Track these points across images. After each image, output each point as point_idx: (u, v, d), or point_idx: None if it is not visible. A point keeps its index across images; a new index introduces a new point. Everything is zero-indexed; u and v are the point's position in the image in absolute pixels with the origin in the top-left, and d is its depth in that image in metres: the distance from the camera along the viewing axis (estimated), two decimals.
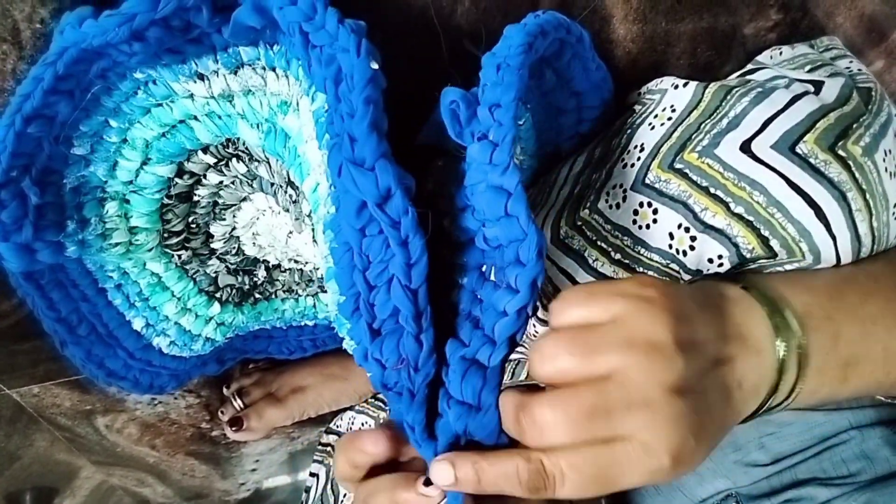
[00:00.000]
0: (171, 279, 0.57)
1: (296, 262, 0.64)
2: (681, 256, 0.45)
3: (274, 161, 0.51)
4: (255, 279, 0.65)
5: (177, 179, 0.52)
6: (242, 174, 0.53)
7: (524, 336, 0.38)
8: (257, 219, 0.57)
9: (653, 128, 0.47)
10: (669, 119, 0.46)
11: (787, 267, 0.44)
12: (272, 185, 0.53)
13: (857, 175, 0.41)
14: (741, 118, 0.43)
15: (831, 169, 0.41)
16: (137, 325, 0.58)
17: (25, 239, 0.44)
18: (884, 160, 0.42)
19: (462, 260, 0.44)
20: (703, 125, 0.44)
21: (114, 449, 0.88)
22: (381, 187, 0.36)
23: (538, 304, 0.50)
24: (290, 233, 0.56)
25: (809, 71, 0.49)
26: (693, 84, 0.47)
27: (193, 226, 0.56)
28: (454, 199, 0.43)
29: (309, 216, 0.51)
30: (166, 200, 0.53)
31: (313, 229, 0.50)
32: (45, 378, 0.73)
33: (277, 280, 0.66)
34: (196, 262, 0.58)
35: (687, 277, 0.46)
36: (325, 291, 0.69)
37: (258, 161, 0.52)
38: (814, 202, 0.41)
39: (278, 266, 0.65)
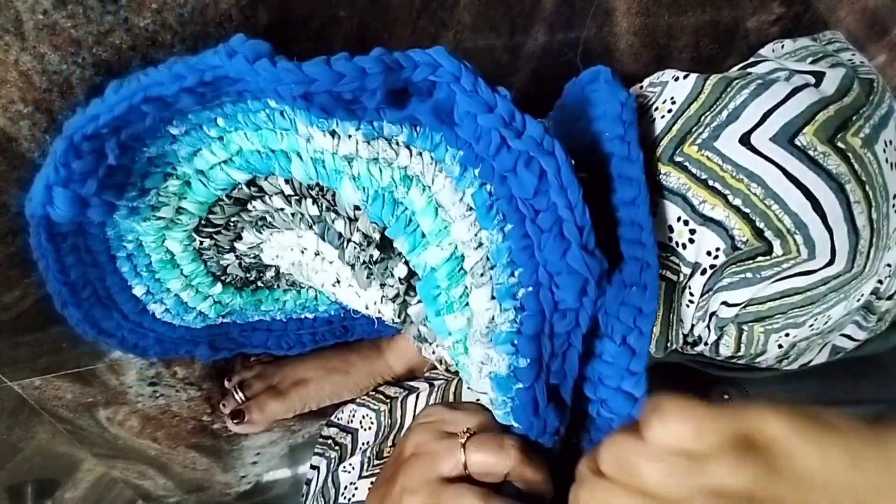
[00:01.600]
0: (184, 259, 0.57)
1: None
2: (680, 249, 0.45)
3: (365, 221, 0.50)
4: (263, 275, 0.65)
5: (243, 186, 0.52)
6: (312, 216, 0.52)
7: None
8: (291, 249, 0.58)
9: (653, 121, 0.47)
10: (669, 111, 0.46)
11: (784, 266, 0.43)
12: (340, 237, 0.52)
13: (856, 167, 0.41)
14: (741, 110, 0.43)
15: (830, 161, 0.40)
16: (138, 291, 0.58)
17: (87, 192, 0.45)
18: (884, 151, 0.42)
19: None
20: (703, 117, 0.44)
21: (115, 441, 0.89)
22: (602, 267, 0.43)
23: None
24: (338, 282, 0.56)
25: (812, 63, 0.48)
26: (693, 76, 0.47)
27: (231, 224, 0.57)
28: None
29: (402, 280, 0.52)
30: (223, 198, 0.53)
31: (398, 293, 0.53)
32: (47, 370, 0.73)
33: (284, 277, 0.66)
34: (213, 251, 0.59)
35: (686, 271, 0.46)
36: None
37: (337, 214, 0.51)
38: (811, 194, 0.40)
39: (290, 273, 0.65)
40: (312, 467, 0.79)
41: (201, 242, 0.57)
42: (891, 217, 0.44)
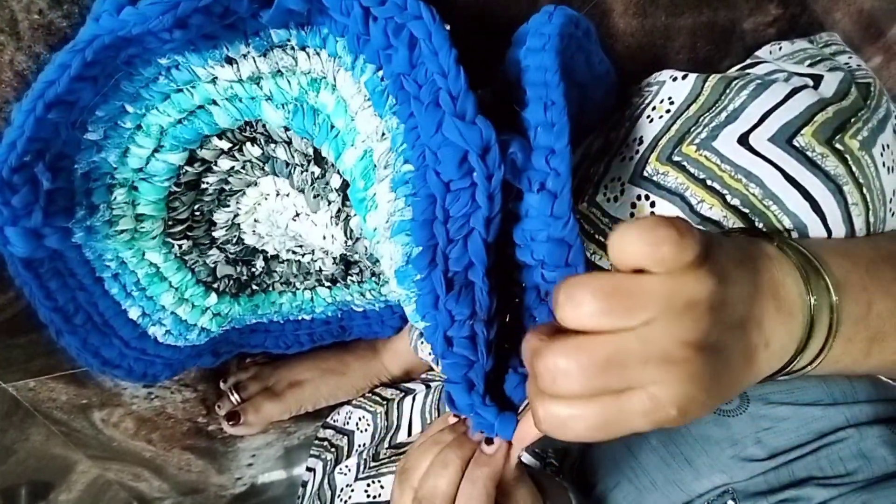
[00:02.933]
0: (169, 270, 0.57)
1: (294, 252, 0.64)
2: None
3: (297, 140, 0.51)
4: (254, 270, 0.64)
5: (187, 167, 0.52)
6: (256, 157, 0.53)
7: None
8: (259, 204, 0.57)
9: (651, 120, 0.47)
10: (668, 111, 0.46)
11: None
12: (288, 165, 0.53)
13: (853, 169, 0.41)
14: (740, 111, 0.43)
15: (828, 162, 0.41)
16: (133, 314, 0.58)
17: (35, 224, 0.44)
18: (881, 155, 0.42)
19: (521, 278, 0.45)
20: (702, 118, 0.44)
21: (110, 443, 0.88)
22: (485, 138, 0.38)
23: None
24: (296, 215, 0.56)
25: (809, 65, 0.49)
26: (692, 76, 0.47)
27: (198, 214, 0.56)
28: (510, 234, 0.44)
29: (338, 190, 0.52)
30: (174, 188, 0.53)
31: (340, 206, 0.52)
32: (41, 372, 0.73)
33: (275, 272, 0.66)
34: (196, 253, 0.58)
35: None
36: (324, 285, 0.69)
37: (276, 142, 0.52)
38: (809, 195, 0.41)
39: (276, 257, 0.65)
40: (308, 469, 0.79)
41: (180, 246, 0.57)
42: (888, 221, 0.44)
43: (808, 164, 0.41)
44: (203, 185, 0.55)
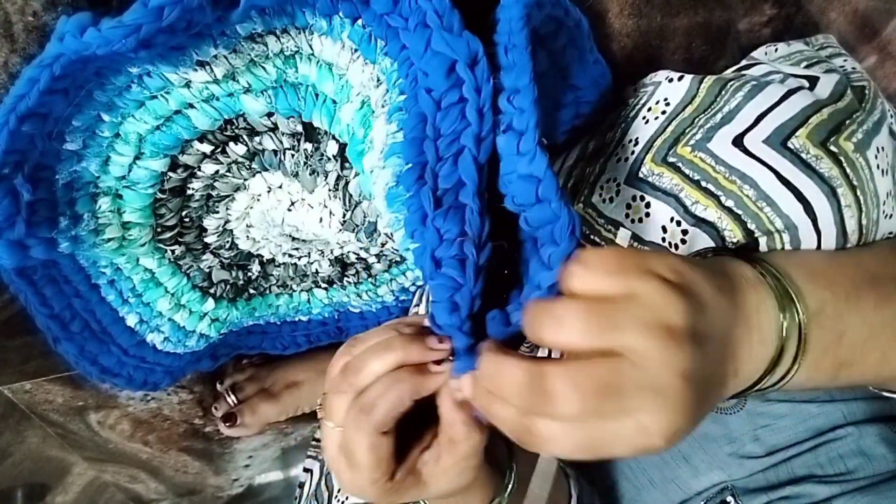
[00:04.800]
0: (164, 275, 0.57)
1: (290, 255, 0.64)
2: (673, 250, 0.45)
3: (283, 122, 0.50)
4: (249, 274, 0.64)
5: (170, 174, 0.52)
6: (241, 156, 0.52)
7: None
8: (251, 207, 0.57)
9: (647, 121, 0.47)
10: (663, 112, 0.46)
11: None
12: (277, 153, 0.53)
13: (847, 171, 0.41)
14: (735, 113, 0.43)
15: (822, 164, 0.41)
16: (131, 321, 0.57)
17: (18, 236, 0.44)
18: (876, 157, 0.42)
19: (517, 233, 0.45)
20: (698, 119, 0.44)
21: (106, 445, 0.88)
22: (472, 49, 0.39)
23: None
24: (291, 205, 0.56)
25: (805, 67, 0.49)
26: (688, 78, 0.47)
27: (187, 220, 0.56)
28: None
29: (335, 157, 0.52)
30: (160, 195, 0.53)
31: (339, 173, 0.52)
32: (37, 374, 0.73)
33: (272, 275, 0.66)
34: (189, 258, 0.58)
35: None
36: (320, 287, 0.69)
37: (260, 133, 0.52)
38: (803, 197, 0.41)
39: (272, 261, 0.65)
40: (305, 470, 0.79)
41: (173, 252, 0.57)
42: (881, 223, 0.44)
43: (803, 165, 0.41)
44: (189, 192, 0.54)
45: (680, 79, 0.47)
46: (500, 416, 0.35)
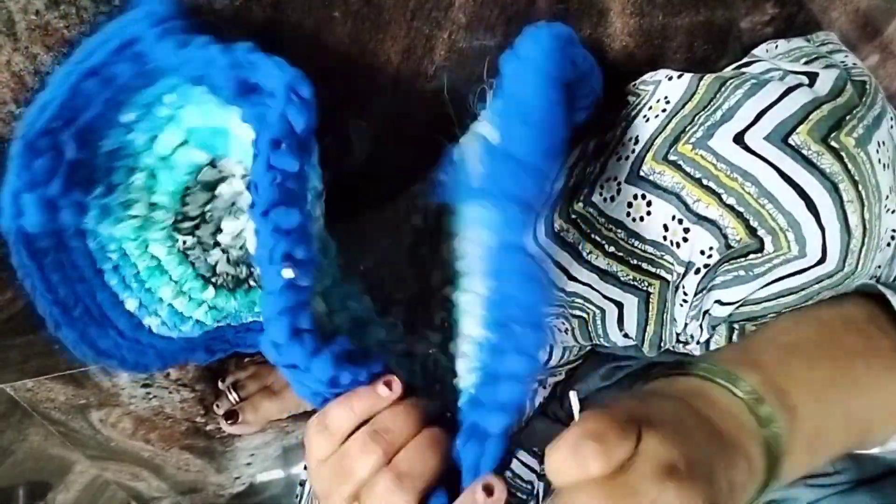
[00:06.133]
0: (170, 263, 0.57)
1: None
2: (674, 248, 0.45)
3: None
4: (253, 270, 0.64)
5: (207, 168, 0.52)
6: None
7: None
8: None
9: (647, 120, 0.47)
10: (664, 111, 0.46)
11: (776, 262, 0.43)
12: None
13: (849, 166, 0.41)
14: (735, 110, 0.43)
15: (823, 160, 0.41)
16: (131, 305, 0.57)
17: (53, 193, 0.44)
18: (877, 152, 0.42)
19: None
20: (698, 117, 0.44)
21: (108, 443, 0.89)
22: None
23: None
24: None
25: (805, 63, 0.49)
26: (688, 76, 0.47)
27: (208, 215, 0.56)
28: None
29: None
30: (192, 184, 0.53)
31: None
32: (39, 372, 0.73)
33: None
34: (198, 250, 0.58)
35: (680, 270, 0.46)
36: None
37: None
38: (805, 193, 0.41)
39: None
40: (307, 468, 0.79)
41: (185, 242, 0.57)
42: (883, 217, 0.44)
43: (804, 162, 0.41)
44: (217, 192, 0.54)
45: (680, 76, 0.48)
46: None
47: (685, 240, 0.44)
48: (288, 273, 0.39)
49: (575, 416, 0.33)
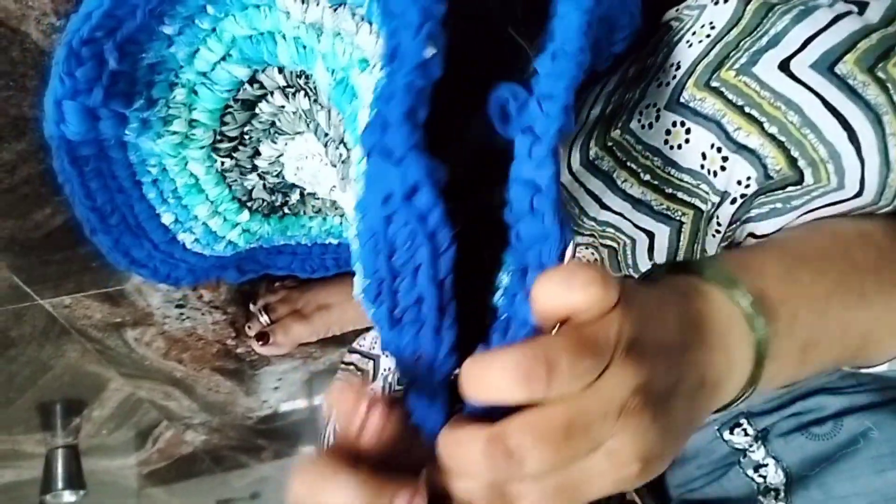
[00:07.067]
0: (208, 183, 0.58)
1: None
2: (711, 177, 0.45)
3: (335, 114, 0.49)
4: (288, 199, 0.65)
5: (247, 86, 0.52)
6: (304, 111, 0.52)
7: None
8: (306, 157, 0.57)
9: (690, 45, 0.46)
10: (708, 36, 0.45)
11: (814, 195, 0.43)
12: (326, 135, 0.52)
13: (894, 98, 0.40)
14: (781, 36, 0.42)
15: (869, 91, 0.40)
16: (166, 219, 0.59)
17: (94, 102, 0.45)
18: None
19: (506, 260, 0.41)
20: (743, 43, 0.43)
21: (142, 362, 0.91)
22: (408, 182, 0.34)
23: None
24: (334, 187, 0.56)
25: None
26: (734, 1, 0.46)
27: (247, 137, 0.57)
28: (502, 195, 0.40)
29: (356, 181, 0.50)
30: (231, 103, 0.53)
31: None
32: (77, 289, 0.75)
33: (310, 204, 0.67)
34: (236, 172, 0.59)
35: (715, 199, 0.46)
36: None
37: (321, 107, 0.51)
38: (848, 124, 0.40)
39: (313, 193, 0.66)
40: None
41: (223, 163, 0.57)
42: None
43: (849, 92, 0.40)
44: (257, 111, 0.55)
45: (726, 1, 0.46)
46: (470, 493, 0.31)
47: (723, 168, 0.44)
48: (430, 51, 0.35)
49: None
